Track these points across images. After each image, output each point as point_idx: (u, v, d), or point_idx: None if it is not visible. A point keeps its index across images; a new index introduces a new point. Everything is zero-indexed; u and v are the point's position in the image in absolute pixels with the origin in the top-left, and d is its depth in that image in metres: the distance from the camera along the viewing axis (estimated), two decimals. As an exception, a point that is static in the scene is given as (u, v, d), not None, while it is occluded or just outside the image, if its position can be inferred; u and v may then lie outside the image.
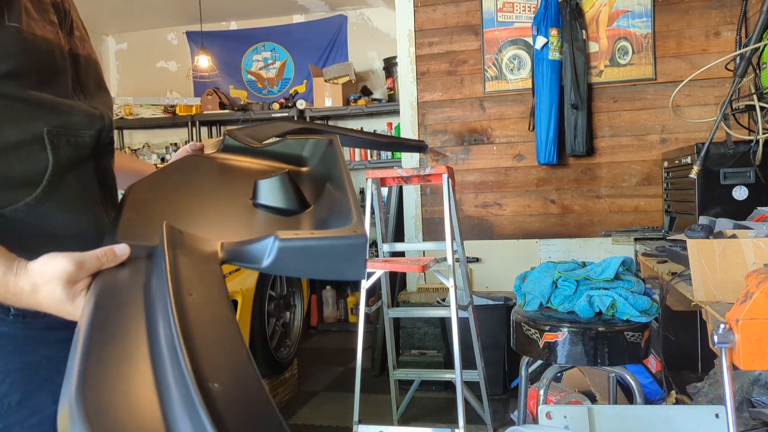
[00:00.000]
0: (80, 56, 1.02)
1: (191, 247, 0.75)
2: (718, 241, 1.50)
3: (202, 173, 1.05)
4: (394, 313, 2.92)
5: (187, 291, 0.63)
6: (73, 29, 1.01)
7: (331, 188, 0.98)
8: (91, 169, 1.00)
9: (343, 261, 0.73)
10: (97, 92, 1.05)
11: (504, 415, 3.01)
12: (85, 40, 1.06)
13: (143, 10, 5.27)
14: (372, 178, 2.81)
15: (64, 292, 0.75)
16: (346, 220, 0.80)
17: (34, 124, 0.90)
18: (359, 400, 2.69)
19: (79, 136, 0.97)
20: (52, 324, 0.94)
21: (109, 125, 1.03)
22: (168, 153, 5.43)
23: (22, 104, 0.89)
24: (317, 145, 1.11)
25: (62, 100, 0.95)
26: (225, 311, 0.65)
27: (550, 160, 3.50)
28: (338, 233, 0.75)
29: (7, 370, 0.92)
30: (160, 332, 0.59)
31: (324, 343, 4.71)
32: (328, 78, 4.94)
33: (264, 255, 0.73)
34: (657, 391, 2.71)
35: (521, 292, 2.11)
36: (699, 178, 2.49)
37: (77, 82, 1.00)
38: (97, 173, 1.01)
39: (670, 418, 1.55)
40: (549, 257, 3.61)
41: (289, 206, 0.94)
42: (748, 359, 1.15)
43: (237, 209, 0.94)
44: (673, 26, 3.50)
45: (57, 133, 0.93)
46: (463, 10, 3.77)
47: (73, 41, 1.01)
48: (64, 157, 0.93)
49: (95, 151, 1.01)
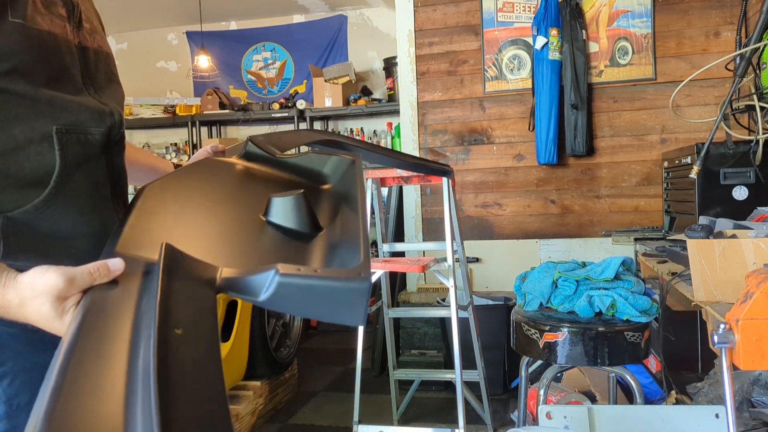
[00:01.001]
0: (89, 49, 0.99)
1: (189, 273, 0.71)
2: (718, 241, 1.50)
3: (219, 181, 1.02)
4: (394, 313, 2.93)
5: (174, 325, 0.60)
6: (82, 21, 0.99)
7: (346, 212, 0.95)
8: (102, 167, 0.98)
9: (342, 306, 0.70)
10: (107, 86, 1.03)
11: (504, 415, 3.01)
12: (96, 32, 1.03)
13: (143, 10, 5.27)
14: (372, 178, 2.80)
15: (52, 309, 0.73)
16: (354, 255, 0.77)
17: (43, 122, 0.89)
18: (359, 400, 2.69)
19: (88, 133, 0.95)
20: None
21: (119, 122, 1.01)
22: (168, 153, 5.43)
23: (31, 102, 0.87)
24: (339, 164, 1.08)
25: (71, 98, 0.93)
26: (211, 354, 0.62)
27: (550, 160, 3.50)
28: (342, 274, 0.71)
29: (16, 371, 0.91)
30: (139, 365, 0.57)
31: (324, 343, 4.71)
32: (328, 78, 4.94)
33: (262, 288, 0.70)
34: (657, 391, 2.71)
35: (521, 292, 2.11)
36: (699, 178, 2.49)
37: (87, 77, 0.98)
38: (108, 171, 0.99)
39: (670, 418, 1.55)
40: (549, 257, 3.61)
41: (300, 228, 0.91)
42: (748, 359, 1.15)
43: (247, 225, 0.91)
44: (673, 26, 3.50)
45: (66, 131, 0.91)
46: (463, 10, 3.77)
47: (82, 34, 0.98)
48: (72, 156, 0.92)
49: (105, 148, 0.99)
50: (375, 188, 2.84)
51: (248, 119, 5.21)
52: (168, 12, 5.36)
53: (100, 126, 0.97)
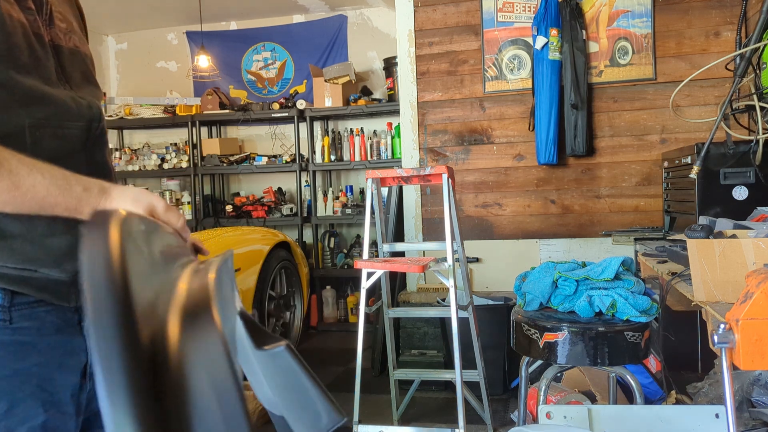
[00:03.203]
0: (63, 48, 0.97)
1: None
2: (718, 241, 1.50)
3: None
4: (394, 313, 2.92)
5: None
6: (54, 19, 0.97)
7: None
8: (82, 163, 0.96)
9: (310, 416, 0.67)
10: (84, 85, 1.01)
11: (504, 415, 3.01)
12: (73, 32, 1.02)
13: (143, 10, 5.27)
14: (372, 178, 2.80)
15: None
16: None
17: (17, 113, 0.86)
18: (359, 400, 2.69)
19: (65, 128, 0.93)
20: (43, 329, 0.92)
21: (98, 115, 0.99)
22: (168, 153, 5.42)
23: (6, 92, 0.85)
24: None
25: (47, 89, 0.91)
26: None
27: (550, 160, 3.50)
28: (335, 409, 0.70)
29: None
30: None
31: (324, 343, 4.71)
32: (328, 78, 4.94)
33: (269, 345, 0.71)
34: (657, 391, 2.71)
35: (521, 292, 2.11)
36: (699, 178, 2.49)
37: (62, 74, 0.96)
38: (88, 167, 0.96)
39: (670, 418, 1.55)
40: (549, 257, 3.61)
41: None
42: (748, 359, 1.15)
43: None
44: (673, 26, 3.50)
45: (41, 126, 0.89)
46: (463, 10, 3.77)
47: (54, 32, 0.96)
48: (47, 152, 0.88)
49: (85, 143, 0.97)
50: (375, 188, 2.84)
51: (248, 119, 5.21)
52: (168, 12, 5.36)
53: (78, 120, 0.95)
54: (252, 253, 3.61)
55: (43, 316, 0.92)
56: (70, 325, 0.96)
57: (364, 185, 5.07)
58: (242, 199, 5.29)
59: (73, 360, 0.95)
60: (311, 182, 5.09)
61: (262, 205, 5.15)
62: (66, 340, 0.95)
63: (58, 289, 0.93)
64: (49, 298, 0.92)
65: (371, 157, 4.92)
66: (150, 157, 5.42)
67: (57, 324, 0.93)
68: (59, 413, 0.92)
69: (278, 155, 5.23)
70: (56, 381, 0.92)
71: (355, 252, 5.14)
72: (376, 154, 4.91)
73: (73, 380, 0.95)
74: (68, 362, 0.94)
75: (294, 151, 5.19)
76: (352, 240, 5.31)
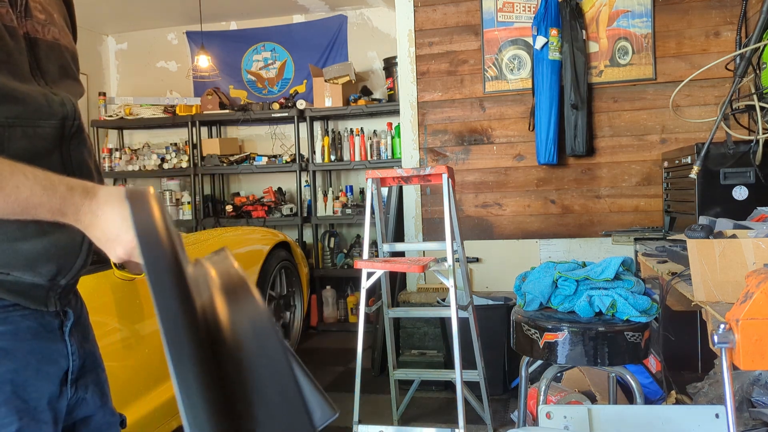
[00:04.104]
0: (39, 40, 0.93)
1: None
2: (718, 241, 1.50)
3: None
4: (394, 313, 2.92)
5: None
6: (31, 10, 0.92)
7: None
8: (56, 162, 0.91)
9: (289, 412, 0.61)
10: (61, 80, 0.96)
11: (504, 415, 3.01)
12: (53, 23, 0.97)
13: (143, 10, 5.27)
14: (372, 178, 2.80)
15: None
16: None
17: None
18: (359, 400, 2.69)
19: (37, 126, 0.88)
20: (19, 334, 0.89)
21: (72, 112, 0.94)
22: (168, 153, 5.42)
23: None
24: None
25: (17, 85, 0.86)
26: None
27: (550, 160, 3.50)
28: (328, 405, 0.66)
29: None
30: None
31: (324, 343, 4.71)
32: (328, 78, 4.94)
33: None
34: (657, 391, 2.71)
35: (521, 292, 2.11)
36: (699, 178, 2.49)
37: (37, 69, 0.92)
38: (63, 167, 0.92)
39: (670, 418, 1.55)
40: (549, 257, 3.61)
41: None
42: (748, 359, 1.15)
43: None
44: (673, 26, 3.50)
45: (9, 125, 0.85)
46: (463, 10, 3.77)
47: (31, 24, 0.92)
48: (17, 152, 0.83)
49: (59, 142, 0.92)
50: (375, 188, 2.84)
51: (248, 119, 5.21)
52: (168, 12, 5.36)
53: (50, 118, 0.90)
54: (252, 253, 3.61)
55: (18, 320, 0.89)
56: (49, 330, 0.93)
57: (364, 185, 5.07)
58: (242, 199, 5.29)
59: (52, 366, 0.93)
60: (311, 182, 5.09)
61: (262, 205, 5.15)
62: (44, 346, 0.92)
63: (34, 293, 0.90)
64: (25, 302, 0.89)
65: (371, 157, 4.92)
66: (150, 157, 5.42)
67: (34, 329, 0.90)
68: (33, 421, 0.88)
69: (278, 155, 5.23)
70: (32, 388, 0.89)
71: (355, 252, 5.14)
72: (376, 154, 4.91)
73: (50, 387, 0.92)
74: (46, 368, 0.91)
75: (294, 151, 5.19)
76: (352, 240, 5.32)
